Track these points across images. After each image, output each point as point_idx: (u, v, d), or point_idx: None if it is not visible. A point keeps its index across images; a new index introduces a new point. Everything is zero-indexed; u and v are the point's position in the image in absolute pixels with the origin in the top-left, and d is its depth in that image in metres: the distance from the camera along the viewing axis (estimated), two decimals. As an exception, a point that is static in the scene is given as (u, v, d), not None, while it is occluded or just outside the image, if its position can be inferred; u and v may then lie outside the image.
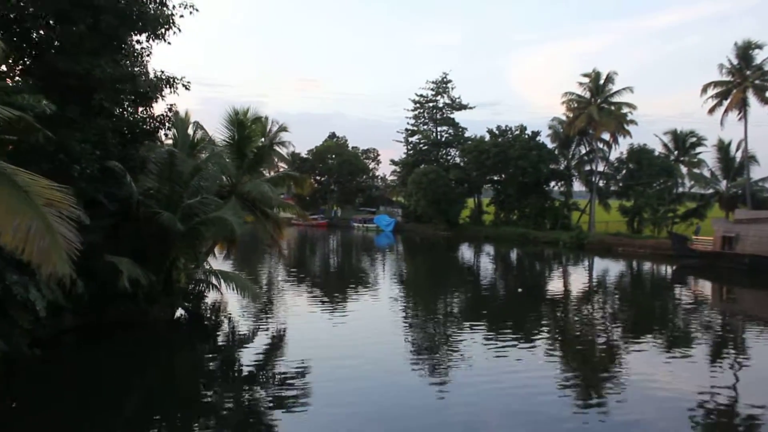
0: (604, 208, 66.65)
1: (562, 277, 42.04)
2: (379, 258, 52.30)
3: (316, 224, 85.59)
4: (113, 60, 16.64)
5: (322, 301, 29.05)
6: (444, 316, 26.60)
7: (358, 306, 27.80)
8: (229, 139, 26.21)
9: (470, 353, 19.14)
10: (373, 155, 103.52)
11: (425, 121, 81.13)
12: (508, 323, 24.29)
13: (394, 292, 32.74)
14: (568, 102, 63.50)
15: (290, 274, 38.29)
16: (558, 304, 29.85)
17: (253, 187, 24.64)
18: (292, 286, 33.44)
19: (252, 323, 23.04)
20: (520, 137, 68.08)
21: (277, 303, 27.81)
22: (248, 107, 26.26)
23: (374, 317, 25.37)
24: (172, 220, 19.10)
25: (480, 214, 76.41)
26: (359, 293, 31.65)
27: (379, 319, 24.76)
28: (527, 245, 60.12)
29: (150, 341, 19.85)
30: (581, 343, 21.82)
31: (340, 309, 26.57)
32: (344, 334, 21.88)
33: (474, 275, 41.62)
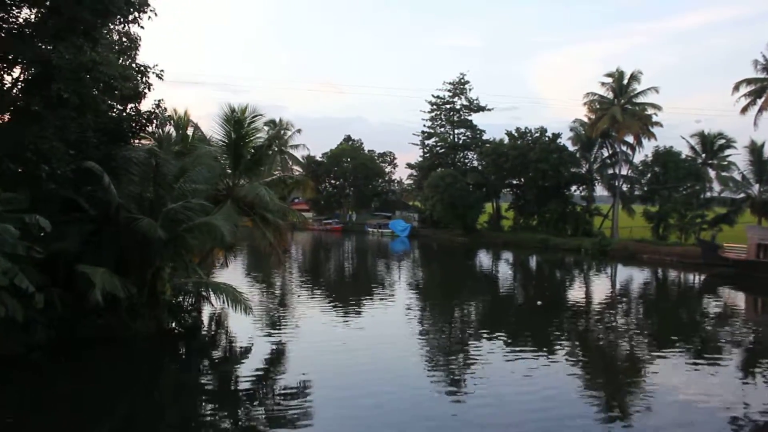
0: (628, 213, 64.01)
1: (584, 285, 40.01)
2: (393, 265, 50.37)
3: (331, 229, 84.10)
4: (75, 46, 14.91)
5: (333, 308, 27.61)
6: (460, 324, 25.42)
7: (370, 314, 26.50)
8: (225, 138, 24.55)
9: (488, 362, 18.33)
10: (389, 159, 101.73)
11: (442, 123, 79.01)
12: (527, 332, 23.28)
13: (408, 300, 31.22)
14: (590, 103, 61.08)
15: (302, 281, 36.83)
16: (580, 314, 28.37)
17: (249, 191, 22.92)
18: (303, 293, 31.78)
19: (255, 334, 21.36)
20: (540, 139, 65.75)
21: (286, 311, 26.41)
22: (246, 104, 24.48)
23: (388, 325, 24.14)
24: (152, 227, 17.32)
25: (498, 219, 74.15)
26: (372, 301, 30.04)
27: (393, 328, 23.54)
28: (547, 252, 57.84)
29: (130, 358, 18.10)
30: (604, 353, 20.82)
31: (352, 317, 25.44)
32: (356, 342, 20.67)
33: (492, 283, 39.76)
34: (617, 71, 58.96)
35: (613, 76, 59.18)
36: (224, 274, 37.31)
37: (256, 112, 24.37)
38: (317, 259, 54.16)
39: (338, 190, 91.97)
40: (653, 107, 58.03)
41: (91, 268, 16.61)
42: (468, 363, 18.54)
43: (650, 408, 14.50)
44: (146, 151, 18.22)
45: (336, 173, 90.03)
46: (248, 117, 24.32)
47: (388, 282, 38.27)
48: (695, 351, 20.87)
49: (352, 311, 26.89)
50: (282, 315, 25.48)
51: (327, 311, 26.60)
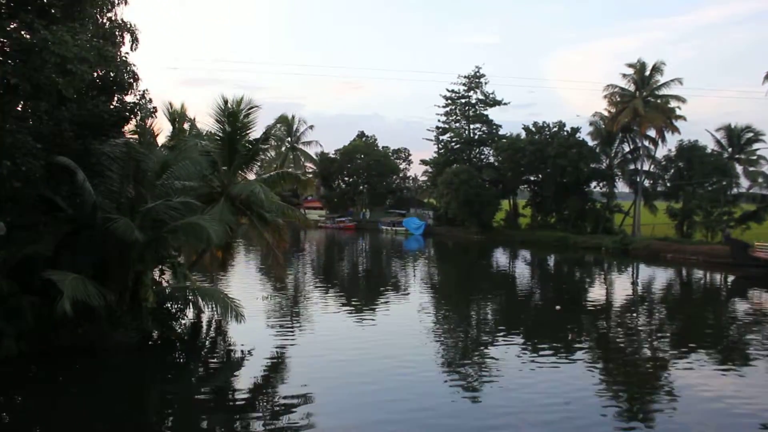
0: (650, 210, 61.61)
1: (605, 285, 38.16)
2: (406, 264, 48.68)
3: (344, 227, 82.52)
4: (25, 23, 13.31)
5: (345, 310, 26.24)
6: (476, 325, 24.46)
7: (383, 316, 25.45)
8: (220, 132, 22.95)
9: (504, 362, 17.82)
10: (404, 155, 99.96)
11: (457, 119, 76.94)
12: (545, 333, 22.37)
13: (422, 301, 29.74)
14: (610, 96, 58.83)
15: (313, 281, 36.02)
16: (600, 314, 27.16)
17: (242, 188, 21.28)
18: (314, 294, 30.52)
19: (258, 339, 19.88)
20: (559, 134, 63.61)
21: (296, 313, 25.23)
22: (242, 96, 22.86)
23: (401, 327, 22.92)
24: (129, 228, 15.73)
25: (515, 216, 72.10)
26: (384, 303, 28.70)
27: (406, 330, 22.29)
28: (566, 251, 55.82)
29: (109, 371, 16.60)
30: (625, 355, 19.92)
31: (364, 318, 24.39)
32: (368, 344, 19.85)
33: (509, 283, 38.11)
34: (639, 62, 56.67)
35: (635, 67, 56.87)
36: (234, 274, 36.34)
37: (252, 104, 22.72)
38: (329, 258, 52.51)
39: (351, 187, 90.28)
40: (677, 99, 55.69)
41: (61, 273, 15.07)
42: (484, 365, 17.85)
43: (674, 412, 14.13)
44: (122, 145, 16.58)
45: (349, 170, 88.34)
46: (243, 109, 22.70)
47: (401, 282, 36.73)
48: (721, 355, 19.79)
49: (363, 313, 25.74)
50: (292, 317, 24.25)
51: (339, 314, 25.31)
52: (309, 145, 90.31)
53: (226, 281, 31.23)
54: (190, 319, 21.38)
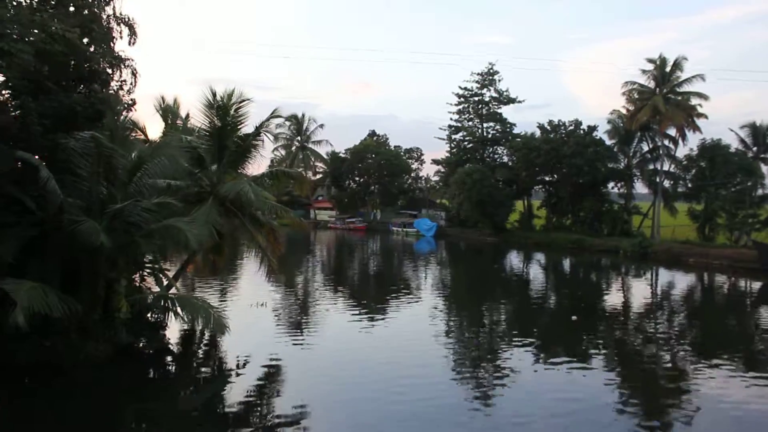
0: (670, 211, 59.24)
1: (623, 290, 36.32)
2: (416, 266, 47.00)
3: (354, 228, 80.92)
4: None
5: (352, 313, 25.64)
6: (489, 330, 23.66)
7: (392, 320, 24.56)
8: (209, 127, 21.35)
9: (518, 369, 17.46)
10: (416, 155, 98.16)
11: (470, 117, 74.80)
12: (560, 339, 21.98)
13: (433, 305, 28.61)
14: (628, 92, 56.59)
15: (321, 285, 35.03)
16: (617, 320, 26.19)
17: (230, 188, 19.63)
18: (321, 299, 29.52)
19: (255, 348, 18.72)
20: (575, 133, 61.47)
21: (301, 319, 24.13)
22: (233, 88, 21.21)
23: (410, 332, 22.20)
24: (93, 231, 14.11)
25: (530, 218, 69.96)
26: (393, 307, 27.76)
27: (416, 333, 21.87)
28: (582, 254, 53.77)
29: (76, 388, 15.03)
30: (643, 363, 19.32)
31: (373, 321, 23.95)
32: (377, 350, 19.38)
33: (523, 287, 36.51)
34: (659, 57, 54.37)
35: (655, 63, 54.57)
36: (244, 275, 36.15)
37: (243, 96, 21.09)
38: (336, 260, 50.81)
39: (362, 187, 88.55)
40: (699, 96, 53.28)
41: (15, 282, 13.47)
42: (498, 372, 17.38)
43: (694, 421, 13.85)
44: (89, 139, 14.95)
45: (360, 170, 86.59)
46: (234, 102, 21.08)
47: (410, 286, 35.17)
48: (745, 365, 18.73)
49: (371, 318, 24.77)
50: (295, 323, 23.16)
51: (345, 319, 24.33)
52: (319, 144, 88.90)
53: (234, 286, 29.80)
54: (182, 329, 19.88)
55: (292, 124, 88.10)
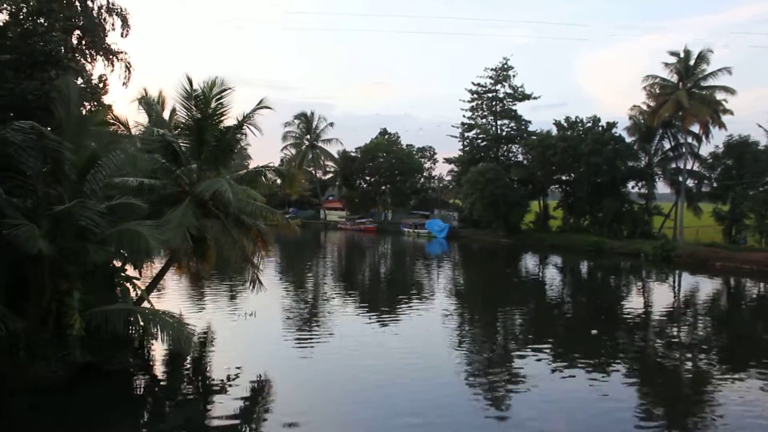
0: (694, 212, 56.44)
1: (644, 296, 34.39)
2: (427, 269, 45.07)
3: (364, 229, 78.84)
4: None
5: (361, 317, 24.91)
6: (503, 335, 23.16)
7: (403, 327, 23.33)
8: (187, 120, 19.26)
9: (534, 375, 16.77)
10: (429, 154, 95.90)
11: (483, 114, 72.16)
12: (577, 345, 21.10)
13: (445, 310, 27.40)
14: (650, 87, 53.83)
15: (325, 286, 34.13)
16: (638, 327, 25.09)
17: (206, 186, 17.51)
18: (326, 300, 29.03)
19: (251, 357, 17.74)
20: (593, 130, 58.82)
21: (305, 323, 23.26)
22: (216, 77, 19.09)
23: (422, 340, 21.26)
24: (30, 237, 12.06)
25: (546, 219, 67.37)
26: (402, 311, 26.56)
27: (428, 341, 20.95)
28: (601, 257, 51.30)
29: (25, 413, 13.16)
30: (665, 372, 18.45)
31: (384, 326, 23.29)
32: (388, 356, 18.49)
33: (538, 291, 34.99)
34: (684, 50, 51.55)
35: (678, 55, 51.78)
36: (237, 282, 33.90)
37: (225, 85, 18.96)
38: (343, 263, 48.72)
39: (373, 187, 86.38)
40: (725, 91, 50.42)
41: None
42: (512, 380, 16.67)
43: (715, 428, 13.36)
44: (29, 127, 12.88)
45: (370, 169, 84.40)
46: (215, 92, 18.96)
47: (421, 289, 33.44)
48: None
49: (381, 321, 23.99)
50: (298, 331, 21.99)
51: (355, 323, 23.57)
52: (329, 143, 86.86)
53: (225, 294, 27.81)
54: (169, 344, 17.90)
55: (301, 123, 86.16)
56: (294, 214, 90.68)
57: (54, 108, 13.61)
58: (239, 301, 26.50)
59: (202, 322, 22.16)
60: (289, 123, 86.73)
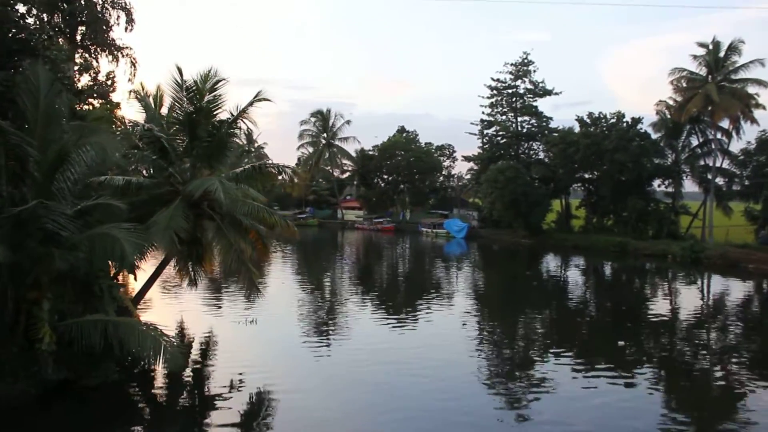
0: (724, 212, 54.06)
1: (672, 299, 32.72)
2: (445, 270, 43.64)
3: (382, 228, 77.40)
4: None
5: (377, 318, 24.12)
6: (524, 339, 22.19)
7: (419, 327, 22.80)
8: (178, 114, 18.01)
9: (555, 379, 16.22)
10: (448, 152, 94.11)
11: (503, 111, 70.23)
12: (600, 350, 20.43)
13: (463, 311, 26.69)
14: (677, 81, 51.57)
15: (340, 288, 33.16)
16: (664, 331, 24.06)
17: (196, 186, 16.20)
18: (340, 302, 27.91)
19: (250, 372, 16.05)
20: (617, 126, 56.70)
21: (315, 329, 21.94)
22: (210, 68, 17.79)
23: (440, 344, 20.34)
24: (-17, 243, 10.80)
25: (568, 218, 65.38)
26: (419, 313, 25.76)
27: (444, 343, 20.45)
28: (625, 258, 49.31)
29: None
30: (693, 378, 17.77)
31: (404, 326, 22.77)
32: (405, 355, 18.20)
33: (560, 293, 33.60)
34: (713, 41, 49.27)
35: (707, 47, 49.51)
36: (273, 273, 35.45)
37: (219, 76, 17.67)
38: (358, 264, 47.14)
39: (391, 186, 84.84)
40: (758, 84, 48.05)
41: None
42: (533, 384, 16.11)
43: None
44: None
45: (388, 167, 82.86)
46: (209, 84, 17.67)
47: (438, 291, 31.96)
48: None
49: (397, 323, 23.21)
50: (313, 335, 20.93)
51: (370, 325, 22.72)
52: (346, 141, 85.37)
53: (232, 298, 26.47)
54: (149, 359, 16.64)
55: (318, 121, 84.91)
56: (311, 213, 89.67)
57: (20, 99, 12.34)
58: (249, 304, 25.23)
59: (204, 327, 21.04)
60: (305, 121, 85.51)
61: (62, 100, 13.17)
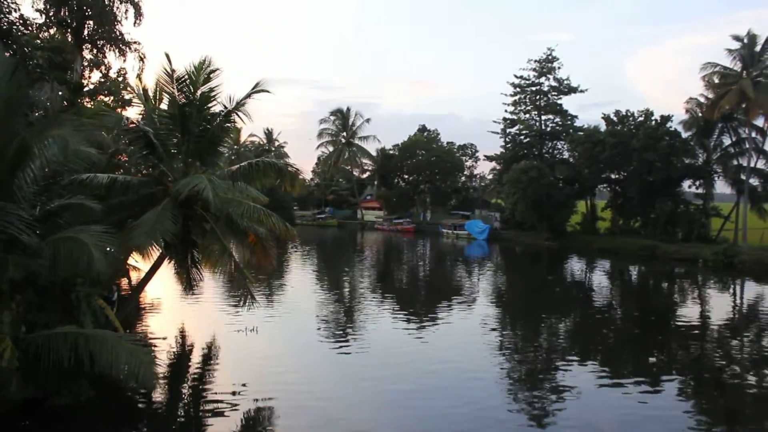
0: (758, 214, 51.57)
1: (703, 306, 30.99)
2: (466, 273, 41.98)
3: (402, 229, 75.93)
4: None
5: (397, 322, 23.10)
6: (546, 345, 21.30)
7: (439, 337, 21.24)
8: (169, 108, 16.74)
9: (578, 387, 15.56)
10: (471, 151, 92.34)
11: (527, 109, 68.32)
12: (626, 358, 19.60)
13: (485, 315, 25.58)
14: (709, 76, 49.29)
15: (357, 290, 31.86)
16: (695, 339, 22.82)
17: (184, 185, 14.88)
18: (356, 306, 26.79)
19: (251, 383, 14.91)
20: (645, 124, 54.50)
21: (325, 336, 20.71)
22: (205, 56, 16.56)
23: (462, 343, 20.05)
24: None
25: (593, 220, 63.34)
26: (439, 318, 24.74)
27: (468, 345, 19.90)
28: (653, 262, 47.27)
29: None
30: (725, 386, 16.87)
31: (424, 329, 21.92)
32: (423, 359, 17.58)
33: (585, 298, 32.22)
34: (748, 34, 46.89)
35: (742, 41, 47.16)
36: (292, 272, 35.80)
37: (213, 66, 16.37)
38: (377, 265, 45.66)
39: (411, 186, 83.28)
40: (797, 78, 45.65)
41: None
42: (555, 391, 15.40)
43: None
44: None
45: (408, 167, 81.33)
46: (203, 74, 16.38)
47: (459, 295, 30.33)
48: None
49: (417, 327, 22.38)
50: (330, 339, 20.11)
51: (389, 330, 21.71)
52: (366, 140, 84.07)
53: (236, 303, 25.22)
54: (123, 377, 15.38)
55: (337, 119, 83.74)
56: (330, 213, 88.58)
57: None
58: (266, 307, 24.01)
59: (215, 332, 19.89)
60: (324, 120, 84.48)
61: (22, 89, 11.81)
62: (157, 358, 12.39)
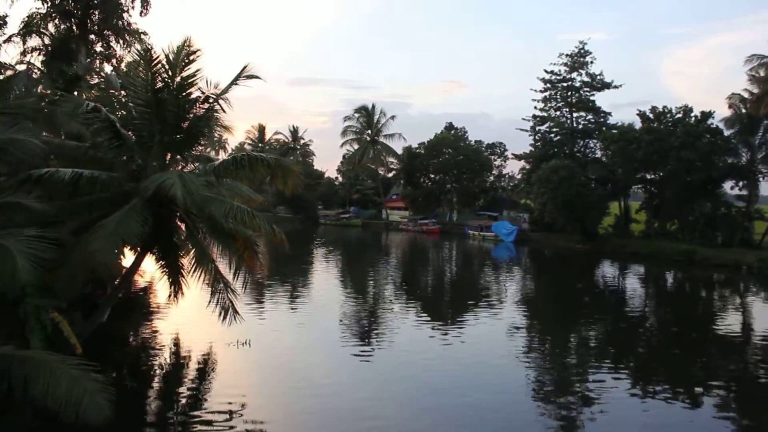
0: (806, 217, 48.34)
1: (745, 315, 29.19)
2: (493, 275, 40.11)
3: (427, 230, 73.80)
4: None
5: (422, 327, 22.51)
6: (577, 353, 20.76)
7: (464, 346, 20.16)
8: (144, 94, 14.93)
9: (609, 397, 15.05)
10: (499, 150, 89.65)
11: (557, 106, 65.47)
12: (660, 368, 18.73)
13: (512, 320, 24.87)
14: (754, 69, 46.14)
15: (376, 293, 30.93)
16: (735, 349, 21.90)
17: (152, 182, 13.05)
18: (374, 310, 25.82)
19: None
20: (684, 121, 51.51)
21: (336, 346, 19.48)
22: (186, 38, 14.78)
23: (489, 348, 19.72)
24: None
25: (627, 222, 60.39)
26: (466, 323, 23.98)
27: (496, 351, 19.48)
28: (691, 267, 44.48)
29: None
30: None
31: (450, 337, 20.88)
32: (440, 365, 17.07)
33: (617, 305, 30.57)
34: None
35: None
36: (317, 274, 35.89)
37: (193, 47, 14.54)
38: (402, 268, 43.71)
39: (438, 185, 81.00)
40: None
41: None
42: (584, 401, 15.03)
43: None
44: None
45: (435, 166, 79.05)
46: (182, 56, 14.58)
47: (486, 301, 28.68)
48: None
49: (443, 332, 21.67)
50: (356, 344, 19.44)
51: (414, 334, 21.17)
52: (392, 138, 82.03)
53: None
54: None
55: (362, 117, 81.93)
56: (355, 213, 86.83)
57: None
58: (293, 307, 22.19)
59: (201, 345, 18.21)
60: (349, 117, 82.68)
61: None
62: (106, 387, 10.42)
